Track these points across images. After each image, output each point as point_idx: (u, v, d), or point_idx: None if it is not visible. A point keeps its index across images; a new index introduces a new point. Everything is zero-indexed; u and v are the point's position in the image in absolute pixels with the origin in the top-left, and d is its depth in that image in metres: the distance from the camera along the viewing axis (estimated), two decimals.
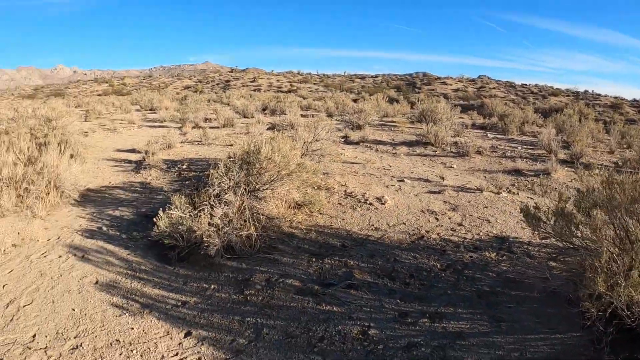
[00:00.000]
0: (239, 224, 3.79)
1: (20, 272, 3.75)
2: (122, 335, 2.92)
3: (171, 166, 7.17)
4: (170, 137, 8.75)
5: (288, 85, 50.49)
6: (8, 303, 3.26)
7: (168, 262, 3.83)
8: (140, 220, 4.82)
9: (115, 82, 67.00)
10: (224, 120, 12.22)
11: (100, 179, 6.82)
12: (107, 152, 9.09)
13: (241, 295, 3.32)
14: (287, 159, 4.21)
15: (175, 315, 3.06)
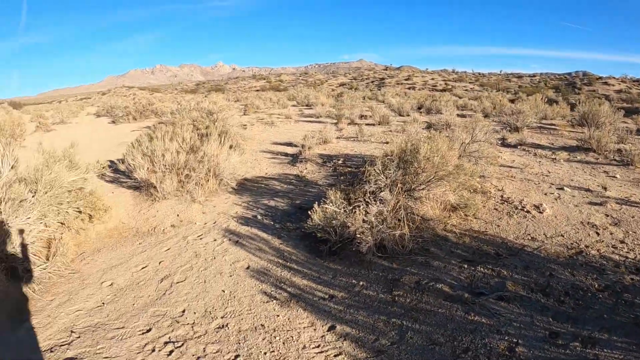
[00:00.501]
0: (392, 222, 4.77)
1: (177, 251, 5.47)
2: (267, 321, 3.82)
3: (326, 161, 9.38)
4: (326, 132, 11.48)
5: (443, 83, 76.00)
6: (163, 278, 4.78)
7: (319, 255, 4.97)
8: (294, 212, 6.48)
9: (272, 79, 75.09)
10: (380, 117, 15.30)
11: (257, 169, 9.30)
12: (265, 144, 12.26)
13: (389, 295, 4.10)
14: (445, 160, 5.26)
15: (321, 308, 3.98)
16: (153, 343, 3.73)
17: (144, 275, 5.03)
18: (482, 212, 5.78)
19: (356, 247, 4.69)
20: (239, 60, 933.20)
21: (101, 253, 5.86)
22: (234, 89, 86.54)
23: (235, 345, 3.63)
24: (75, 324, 4.16)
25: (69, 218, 6.08)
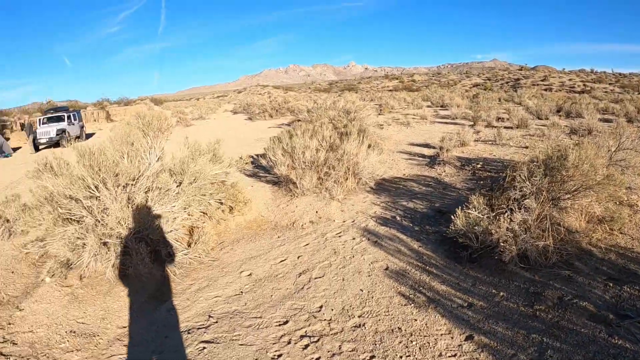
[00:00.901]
0: (535, 233, 4.84)
1: (315, 247, 6.02)
2: (404, 325, 4.08)
3: (464, 164, 9.75)
4: (463, 134, 12.00)
5: (581, 85, 78.64)
6: (301, 272, 5.31)
7: (458, 261, 5.18)
8: (432, 215, 6.80)
9: (405, 79, 76.31)
10: (517, 120, 15.60)
11: (394, 170, 10.05)
12: (401, 145, 13.45)
13: (530, 308, 4.16)
14: (595, 168, 5.15)
15: (459, 316, 4.16)
16: (289, 335, 4.05)
17: (282, 269, 5.48)
18: (628, 227, 5.54)
19: (498, 256, 4.78)
20: (371, 60, 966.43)
21: (240, 243, 6.49)
22: (367, 88, 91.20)
23: (371, 346, 3.84)
24: (213, 309, 4.65)
25: (210, 209, 6.75)
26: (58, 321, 4.96)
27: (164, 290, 5.41)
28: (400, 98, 33.41)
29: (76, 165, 5.90)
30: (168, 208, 5.90)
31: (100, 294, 5.44)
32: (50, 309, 5.25)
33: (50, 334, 4.78)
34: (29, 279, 6.28)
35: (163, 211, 5.87)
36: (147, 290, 5.44)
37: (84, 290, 5.56)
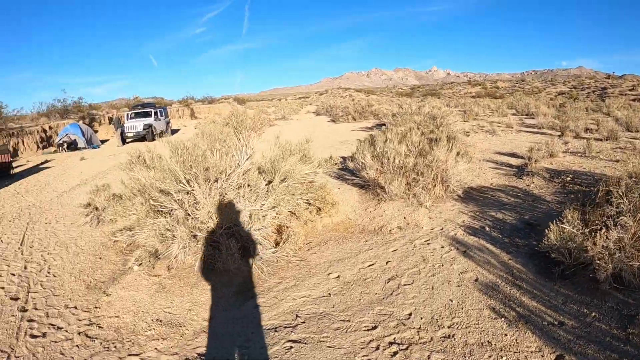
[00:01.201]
0: (630, 252, 4.77)
1: (404, 253, 6.25)
2: (494, 339, 4.20)
3: (553, 176, 9.88)
4: (552, 145, 12.10)
5: None
6: (389, 278, 5.52)
7: (548, 276, 5.21)
8: (522, 227, 6.86)
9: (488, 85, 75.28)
10: (607, 132, 15.46)
11: (481, 179, 10.29)
12: (487, 153, 13.74)
13: (623, 332, 4.15)
14: None
15: (549, 334, 4.22)
16: (377, 341, 4.17)
17: (370, 273, 5.64)
18: None
19: (592, 274, 4.75)
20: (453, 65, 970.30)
21: (327, 245, 6.72)
22: (449, 94, 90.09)
23: (460, 358, 3.90)
24: (300, 309, 4.85)
25: (299, 209, 6.99)
26: (145, 309, 5.34)
27: (250, 287, 5.66)
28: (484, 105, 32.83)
29: (169, 160, 6.36)
30: (258, 206, 6.14)
31: (188, 286, 5.79)
32: (137, 296, 5.66)
33: (136, 320, 5.15)
34: (116, 265, 6.81)
35: (253, 209, 6.10)
36: (234, 286, 5.72)
37: (171, 281, 5.94)
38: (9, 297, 6.36)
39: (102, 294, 5.93)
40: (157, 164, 6.35)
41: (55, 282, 6.63)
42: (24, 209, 11.99)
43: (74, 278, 6.69)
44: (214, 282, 5.82)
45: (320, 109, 41.23)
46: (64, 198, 12.94)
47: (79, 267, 7.10)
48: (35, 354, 4.81)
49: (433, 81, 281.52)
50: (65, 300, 6.02)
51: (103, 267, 6.89)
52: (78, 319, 5.43)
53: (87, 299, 5.92)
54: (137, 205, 6.40)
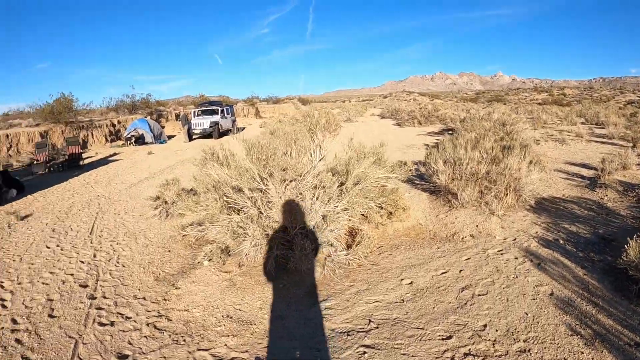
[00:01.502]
0: None
1: (477, 263, 6.19)
2: (570, 356, 4.14)
3: (627, 189, 9.71)
4: (625, 157, 11.88)
5: None
6: (463, 287, 5.47)
7: (625, 294, 5.11)
8: (596, 241, 6.77)
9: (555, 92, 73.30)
10: None
11: (553, 189, 10.23)
12: (557, 163, 13.76)
13: None
14: None
15: (626, 354, 4.13)
16: (452, 352, 4.12)
17: (444, 281, 5.59)
18: None
19: None
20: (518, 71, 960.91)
21: (399, 250, 6.69)
22: (515, 100, 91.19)
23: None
24: (373, 314, 4.84)
25: (371, 212, 6.99)
26: (215, 304, 5.41)
27: (322, 288, 5.66)
28: (552, 113, 32.53)
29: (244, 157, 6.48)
30: (331, 207, 6.16)
31: (259, 284, 5.83)
32: (207, 291, 5.74)
33: (206, 315, 5.22)
34: (185, 259, 6.95)
35: (326, 210, 6.12)
36: (306, 286, 5.74)
37: (242, 278, 6.00)
38: (78, 284, 6.54)
39: (171, 287, 6.05)
40: (231, 161, 6.47)
41: (124, 272, 6.80)
42: (93, 199, 12.39)
43: (142, 269, 6.85)
44: (286, 281, 5.85)
45: (385, 112, 41.48)
46: (132, 190, 13.33)
47: (147, 258, 7.26)
48: (103, 341, 4.92)
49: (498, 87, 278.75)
50: (134, 290, 6.15)
51: (172, 260, 7.03)
52: (147, 310, 5.54)
53: (155, 290, 6.04)
54: (211, 201, 6.47)
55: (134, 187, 14.00)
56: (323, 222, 6.10)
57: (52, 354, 4.82)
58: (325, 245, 6.09)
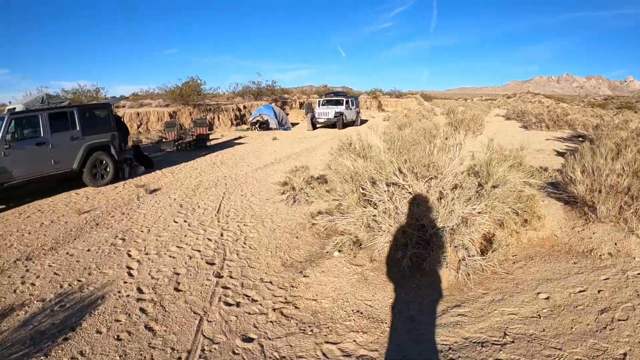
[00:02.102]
0: None
1: (616, 284, 5.78)
2: None
3: None
4: None
5: None
6: (602, 310, 5.13)
7: None
8: None
9: None
10: None
11: None
12: None
13: None
14: None
15: None
16: None
17: (581, 300, 5.33)
18: None
19: None
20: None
21: (533, 261, 6.47)
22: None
23: None
24: (508, 327, 4.69)
25: (506, 218, 6.75)
26: (345, 297, 5.42)
27: (455, 293, 5.57)
28: None
29: (381, 150, 6.57)
30: (468, 209, 6.02)
31: (391, 281, 5.81)
32: (337, 283, 5.78)
33: (335, 308, 5.25)
34: (313, 247, 7.07)
35: (464, 211, 5.99)
36: (438, 289, 5.66)
37: (374, 273, 5.98)
38: (205, 260, 6.87)
39: (299, 274, 6.15)
40: (367, 153, 6.55)
41: (251, 254, 7.04)
42: (220, 179, 13.01)
43: (270, 253, 7.06)
44: (419, 282, 5.79)
45: (510, 113, 40.54)
46: (258, 174, 13.81)
47: (275, 243, 7.48)
48: (228, 321, 5.11)
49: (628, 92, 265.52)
50: (260, 273, 6.34)
51: (300, 247, 7.19)
52: (273, 295, 5.69)
53: (282, 276, 6.18)
54: (348, 192, 6.52)
55: (259, 170, 14.48)
56: (460, 224, 5.99)
57: (176, 327, 5.06)
58: (460, 248, 5.97)
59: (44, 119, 12.09)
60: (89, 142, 13.12)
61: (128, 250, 7.57)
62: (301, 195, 9.39)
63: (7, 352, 4.80)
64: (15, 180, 11.54)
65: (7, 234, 8.98)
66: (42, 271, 6.93)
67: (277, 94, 43.63)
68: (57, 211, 10.71)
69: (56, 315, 5.52)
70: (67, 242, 8.23)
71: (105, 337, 4.94)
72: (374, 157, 6.64)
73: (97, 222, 9.41)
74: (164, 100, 32.16)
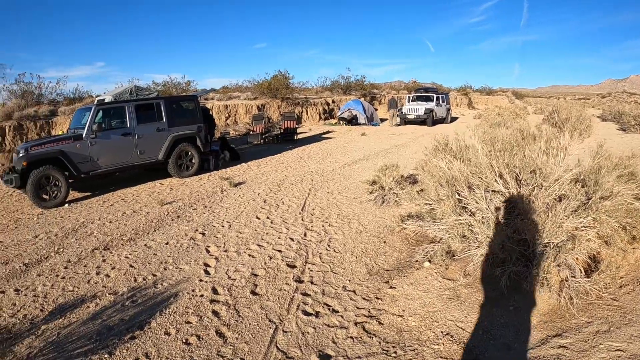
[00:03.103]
0: None
1: None
2: None
3: None
4: None
5: None
6: None
7: None
8: None
9: None
10: None
11: None
12: None
13: None
14: None
15: None
16: None
17: None
18: None
19: None
20: None
21: None
22: None
23: None
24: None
25: (614, 235, 5.97)
26: (434, 316, 4.90)
27: (556, 320, 4.96)
28: None
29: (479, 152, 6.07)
30: (574, 222, 5.43)
31: (487, 301, 5.22)
32: (427, 298, 5.27)
33: (422, 327, 4.73)
34: (401, 254, 6.61)
35: (570, 225, 5.40)
36: (538, 313, 5.05)
37: (467, 290, 5.43)
38: (286, 262, 6.55)
39: (385, 284, 5.72)
40: (464, 155, 6.06)
41: (334, 258, 6.67)
42: (306, 175, 12.85)
43: (355, 258, 6.65)
44: (517, 303, 5.18)
45: (606, 114, 39.09)
46: (345, 170, 13.55)
47: (361, 247, 7.07)
48: (305, 333, 4.74)
49: None
50: (343, 280, 5.94)
51: (387, 253, 6.75)
52: (356, 307, 5.26)
53: (367, 285, 5.76)
54: (443, 197, 6.04)
55: (347, 167, 14.20)
56: (566, 239, 5.35)
57: (249, 336, 4.75)
58: (564, 268, 5.30)
59: (130, 110, 12.48)
60: (174, 134, 13.44)
61: (207, 246, 7.42)
62: (390, 196, 9.00)
63: (72, 346, 4.67)
64: (101, 169, 11.92)
65: (88, 222, 9.11)
66: (118, 262, 6.89)
67: (366, 88, 43.59)
68: (140, 201, 10.85)
69: (126, 310, 5.40)
70: (146, 234, 8.22)
71: (173, 340, 4.72)
72: (472, 160, 6.16)
73: (178, 214, 9.40)
74: (252, 93, 32.60)
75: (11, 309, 5.62)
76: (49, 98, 24.12)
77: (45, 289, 6.13)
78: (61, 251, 7.57)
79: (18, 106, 20.48)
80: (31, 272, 6.77)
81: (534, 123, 21.29)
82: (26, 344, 4.77)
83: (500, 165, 5.74)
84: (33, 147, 10.96)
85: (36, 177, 10.54)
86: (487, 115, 29.45)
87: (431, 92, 32.59)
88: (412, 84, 57.53)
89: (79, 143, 11.45)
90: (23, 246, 7.95)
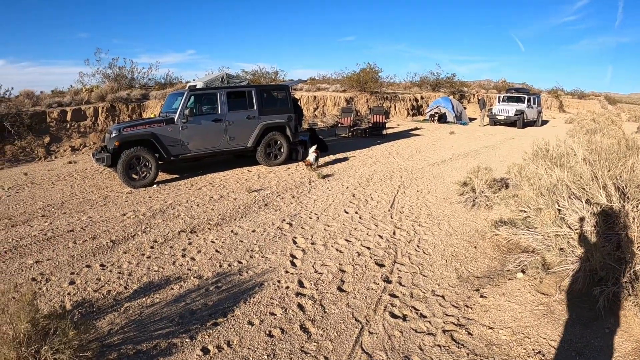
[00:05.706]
0: None
1: None
2: None
3: None
4: None
5: None
6: None
7: None
8: None
9: None
10: None
11: None
12: None
13: None
14: None
15: None
16: None
17: None
18: None
19: None
20: None
21: None
22: None
23: None
24: None
25: None
26: (526, 332, 4.70)
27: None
28: None
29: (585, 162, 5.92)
30: None
31: (580, 321, 4.93)
32: (519, 312, 5.07)
33: (513, 342, 4.54)
34: (492, 262, 6.40)
35: None
36: (634, 339, 4.68)
37: (561, 307, 5.16)
38: (374, 260, 6.49)
39: (475, 292, 5.57)
40: (565, 162, 5.92)
41: (424, 260, 6.56)
42: (395, 171, 12.82)
43: (445, 262, 6.53)
44: (612, 327, 4.84)
45: None
46: (434, 169, 13.43)
47: (451, 250, 6.94)
48: (392, 337, 4.65)
49: None
50: (432, 284, 5.82)
51: (477, 259, 6.58)
52: (445, 313, 5.13)
53: (457, 291, 5.62)
54: (543, 206, 5.88)
55: (436, 165, 14.08)
56: None
57: (334, 334, 4.70)
58: None
59: (222, 97, 12.85)
60: (265, 122, 13.70)
61: (294, 237, 7.48)
62: (481, 199, 8.84)
63: (154, 326, 4.81)
64: (190, 153, 12.35)
65: (176, 204, 9.43)
66: (204, 246, 7.07)
67: (455, 86, 43.19)
68: (227, 186, 11.11)
69: (210, 296, 5.51)
70: (233, 220, 8.39)
71: (257, 331, 4.75)
72: (574, 168, 6.01)
73: (265, 203, 9.55)
74: (341, 86, 32.78)
75: (96, 284, 5.88)
76: (140, 82, 25.30)
77: (131, 267, 6.38)
78: (148, 230, 7.87)
79: (111, 89, 21.61)
80: (117, 249, 7.07)
81: (628, 131, 20.57)
82: (108, 320, 4.97)
83: (605, 177, 5.58)
84: (126, 128, 11.45)
85: (127, 157, 11.03)
86: (581, 120, 28.86)
87: (522, 92, 32.21)
88: (501, 83, 55.33)
89: (170, 126, 11.89)
90: (111, 223, 8.31)
